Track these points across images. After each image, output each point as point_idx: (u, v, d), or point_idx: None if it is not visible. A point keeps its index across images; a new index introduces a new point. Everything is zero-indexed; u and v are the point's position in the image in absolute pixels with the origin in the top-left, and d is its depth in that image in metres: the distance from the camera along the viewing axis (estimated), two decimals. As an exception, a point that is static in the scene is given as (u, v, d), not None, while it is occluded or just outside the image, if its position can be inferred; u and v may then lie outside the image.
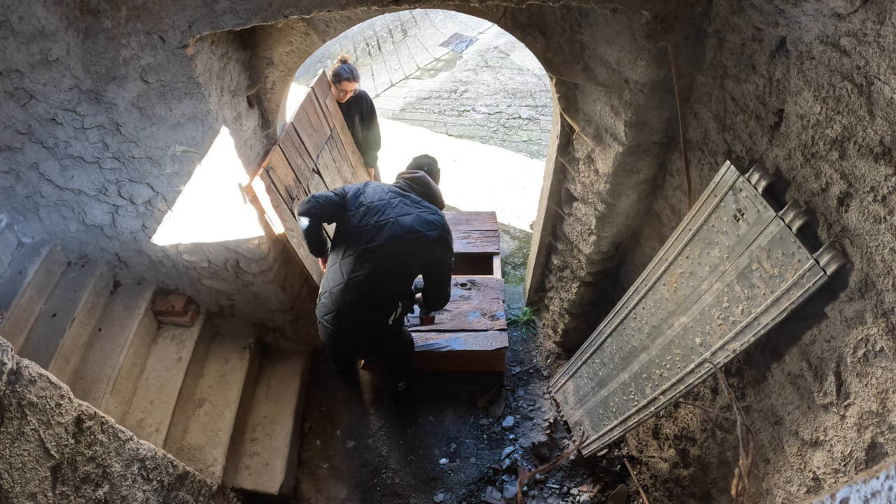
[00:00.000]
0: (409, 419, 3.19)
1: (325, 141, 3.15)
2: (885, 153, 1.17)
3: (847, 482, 0.78)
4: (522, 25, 2.26)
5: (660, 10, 1.70)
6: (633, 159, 2.20)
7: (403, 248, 2.30)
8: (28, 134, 2.02)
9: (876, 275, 1.24)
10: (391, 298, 2.42)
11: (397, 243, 2.28)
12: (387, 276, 2.34)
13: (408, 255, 2.33)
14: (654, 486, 2.67)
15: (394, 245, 2.28)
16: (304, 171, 2.87)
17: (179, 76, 1.87)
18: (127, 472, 1.62)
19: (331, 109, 3.28)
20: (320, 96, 3.14)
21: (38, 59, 1.76)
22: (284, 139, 2.64)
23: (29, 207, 2.39)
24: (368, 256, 2.29)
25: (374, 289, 2.32)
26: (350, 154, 3.58)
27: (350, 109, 3.60)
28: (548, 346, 3.52)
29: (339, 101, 3.46)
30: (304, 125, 2.90)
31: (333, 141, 3.30)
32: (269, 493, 2.69)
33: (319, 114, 3.12)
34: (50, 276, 2.57)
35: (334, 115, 3.34)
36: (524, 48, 3.18)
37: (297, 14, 1.72)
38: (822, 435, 1.47)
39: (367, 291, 2.31)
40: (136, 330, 2.65)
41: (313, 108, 3.04)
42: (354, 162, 3.66)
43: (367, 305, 2.35)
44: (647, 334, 2.20)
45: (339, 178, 3.35)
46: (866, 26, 1.16)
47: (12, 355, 1.19)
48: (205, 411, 2.77)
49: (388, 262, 2.30)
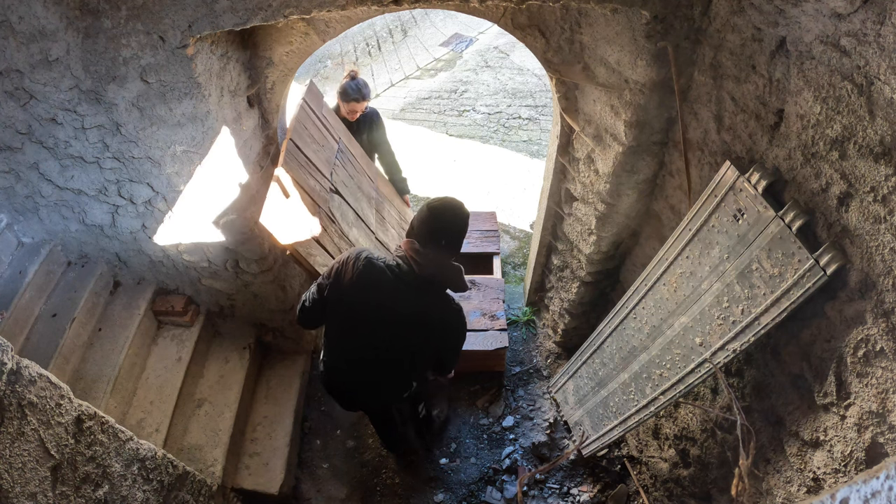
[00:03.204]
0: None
1: (334, 156, 2.81)
2: (885, 153, 1.17)
3: (847, 482, 0.78)
4: (522, 25, 2.26)
5: (659, 10, 1.70)
6: (633, 159, 2.20)
7: (403, 341, 1.95)
8: (28, 134, 2.02)
9: (876, 275, 1.24)
10: (403, 380, 2.14)
11: (395, 337, 1.93)
12: (389, 365, 2.03)
13: (411, 343, 1.97)
14: (654, 486, 2.67)
15: (392, 338, 1.94)
16: (321, 192, 2.49)
17: (179, 76, 1.87)
18: (127, 473, 1.62)
19: (330, 121, 2.95)
20: (315, 107, 2.81)
21: (38, 59, 1.76)
22: (287, 159, 2.30)
23: (29, 207, 2.39)
24: (366, 345, 1.98)
25: (378, 373, 2.05)
26: (366, 167, 3.21)
27: (359, 128, 3.27)
28: (548, 346, 3.52)
29: (347, 119, 3.17)
30: (307, 140, 2.55)
31: (343, 154, 2.94)
32: (269, 493, 2.69)
33: (319, 126, 2.79)
34: (50, 276, 2.57)
35: (336, 127, 3.00)
36: (524, 48, 3.18)
37: (297, 14, 1.72)
38: (822, 435, 1.47)
39: (373, 375, 2.06)
40: (136, 330, 2.65)
41: (311, 121, 2.71)
42: (373, 175, 3.28)
43: (376, 384, 2.10)
44: (647, 334, 2.20)
45: (362, 194, 2.96)
46: (866, 26, 1.16)
47: (12, 355, 1.19)
48: (205, 411, 2.77)
49: (389, 354, 1.99)
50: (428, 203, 1.80)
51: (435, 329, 1.93)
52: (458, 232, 1.81)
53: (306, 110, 2.69)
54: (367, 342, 1.97)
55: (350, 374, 2.10)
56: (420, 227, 1.80)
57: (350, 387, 2.17)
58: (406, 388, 2.16)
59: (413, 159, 5.42)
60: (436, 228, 1.77)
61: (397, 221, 3.30)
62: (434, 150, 5.70)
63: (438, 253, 1.79)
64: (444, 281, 1.84)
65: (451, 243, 1.81)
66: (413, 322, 1.88)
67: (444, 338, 2.01)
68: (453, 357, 2.18)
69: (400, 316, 1.86)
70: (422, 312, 1.86)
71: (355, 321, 1.94)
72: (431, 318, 1.88)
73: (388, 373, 2.05)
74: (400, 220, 3.36)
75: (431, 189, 5.11)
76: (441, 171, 5.39)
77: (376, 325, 1.91)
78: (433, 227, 1.77)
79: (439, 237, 1.78)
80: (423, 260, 1.77)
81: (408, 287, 1.81)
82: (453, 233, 1.81)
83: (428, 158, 5.55)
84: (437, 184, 5.18)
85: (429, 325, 1.90)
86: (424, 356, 2.07)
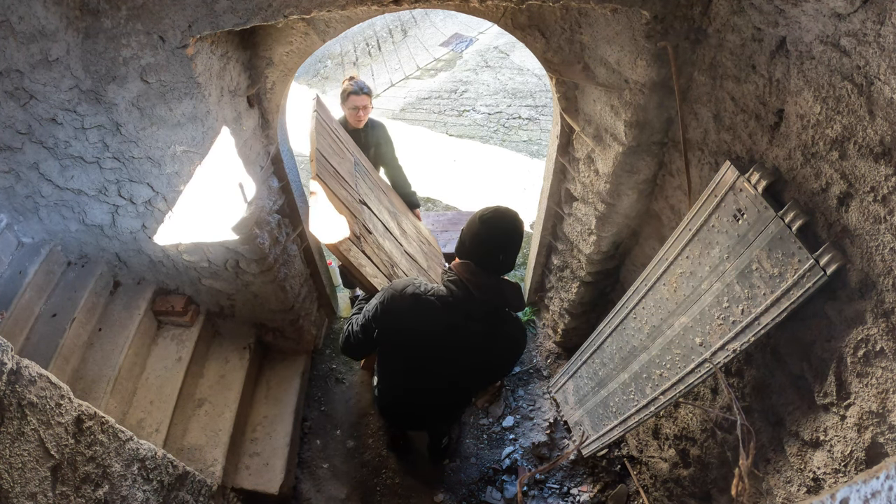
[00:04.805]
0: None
1: (353, 168, 2.77)
2: (885, 153, 1.17)
3: (847, 482, 0.78)
4: (522, 25, 2.26)
5: (659, 10, 1.70)
6: (633, 159, 2.20)
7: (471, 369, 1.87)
8: (28, 134, 2.02)
9: (876, 275, 1.24)
10: (466, 401, 2.12)
11: (463, 367, 1.84)
12: (457, 391, 1.98)
13: (478, 369, 1.88)
14: (654, 486, 2.67)
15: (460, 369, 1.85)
16: (353, 203, 2.42)
17: (179, 76, 1.87)
18: (127, 472, 1.62)
19: (342, 135, 2.92)
20: (327, 121, 2.78)
21: (38, 59, 1.76)
22: (320, 169, 2.22)
23: (29, 207, 2.39)
24: (432, 378, 1.88)
25: (445, 399, 2.00)
26: (378, 181, 3.17)
27: (367, 142, 3.22)
28: (548, 346, 3.52)
29: (355, 128, 3.14)
30: (329, 152, 2.48)
31: (360, 168, 2.89)
32: (269, 493, 2.69)
33: (335, 138, 2.76)
34: (50, 276, 2.57)
35: (347, 141, 2.97)
36: (524, 48, 3.17)
37: (297, 14, 1.72)
38: (822, 435, 1.47)
39: (440, 401, 2.02)
40: (136, 330, 2.65)
41: (327, 133, 2.66)
42: (386, 188, 3.26)
43: (442, 409, 2.07)
44: (647, 334, 2.20)
45: (382, 207, 2.93)
46: (866, 26, 1.16)
47: (12, 355, 1.19)
48: (205, 411, 2.77)
49: (456, 383, 1.92)
50: (480, 215, 1.62)
51: (502, 351, 1.81)
52: (516, 245, 1.63)
53: (322, 123, 2.63)
54: (433, 375, 1.85)
55: (415, 402, 2.02)
56: (473, 243, 1.61)
57: (414, 412, 2.10)
58: (466, 405, 2.13)
59: (413, 159, 5.42)
60: (493, 243, 1.59)
61: (416, 235, 3.29)
62: (434, 150, 5.70)
63: (496, 271, 1.63)
64: (504, 303, 1.69)
65: (509, 258, 1.63)
66: (479, 348, 1.75)
67: (509, 353, 1.86)
68: (511, 369, 2.09)
69: (464, 347, 1.73)
70: (486, 339, 1.72)
71: (417, 359, 1.82)
72: (497, 343, 1.76)
73: (455, 397, 1.98)
74: (417, 234, 3.34)
75: (431, 189, 5.11)
76: (441, 171, 5.39)
77: (439, 362, 1.79)
78: (490, 241, 1.59)
79: (496, 252, 1.60)
80: (481, 281, 1.61)
81: (466, 317, 1.65)
82: (511, 246, 1.62)
83: (428, 158, 5.55)
84: (437, 184, 5.18)
85: (494, 349, 1.78)
86: (488, 376, 1.99)
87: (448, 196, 5.04)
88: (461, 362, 1.80)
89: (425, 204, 4.90)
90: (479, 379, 1.97)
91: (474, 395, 2.13)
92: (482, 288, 1.61)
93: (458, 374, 1.86)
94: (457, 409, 2.13)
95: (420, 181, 5.07)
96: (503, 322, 1.73)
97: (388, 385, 2.03)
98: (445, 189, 5.11)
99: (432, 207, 4.92)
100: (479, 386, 2.07)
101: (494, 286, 1.63)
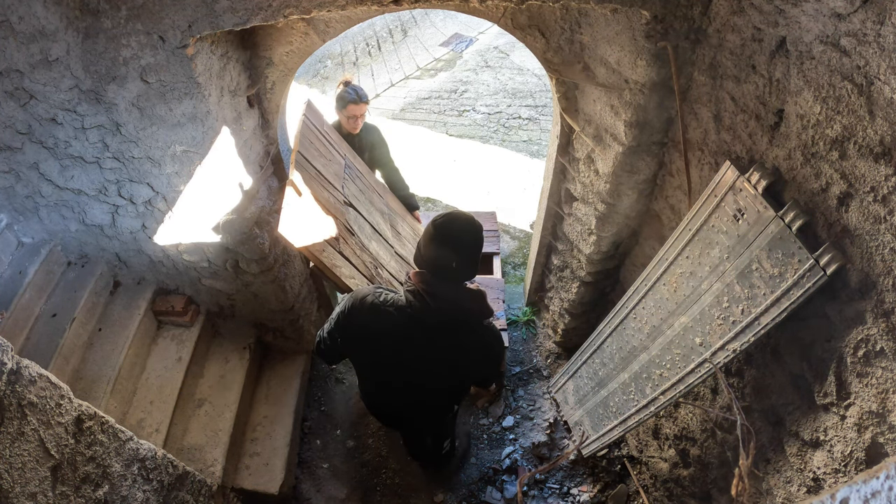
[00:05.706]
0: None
1: (343, 170, 2.76)
2: (885, 153, 1.17)
3: (847, 482, 0.78)
4: (522, 25, 2.26)
5: (659, 11, 1.70)
6: (633, 159, 2.20)
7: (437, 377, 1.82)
8: (28, 134, 2.02)
9: (876, 275, 1.24)
10: (445, 406, 2.10)
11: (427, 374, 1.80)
12: (429, 394, 1.94)
13: (445, 378, 1.85)
14: (654, 486, 2.67)
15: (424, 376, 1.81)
16: (336, 204, 2.45)
17: (179, 76, 1.87)
18: (127, 473, 1.62)
19: (333, 138, 2.89)
20: (317, 124, 2.75)
21: (38, 59, 1.76)
22: (299, 172, 2.25)
23: (29, 207, 2.39)
24: (399, 383, 1.87)
25: (418, 402, 1.98)
26: (374, 184, 3.16)
27: (361, 146, 3.19)
28: (548, 346, 3.52)
29: (351, 134, 3.12)
30: (314, 154, 2.51)
31: (351, 170, 2.87)
32: (269, 493, 2.69)
33: (324, 141, 2.73)
34: (50, 276, 2.56)
35: (339, 144, 2.93)
36: (524, 48, 3.17)
37: (297, 14, 1.72)
38: (822, 435, 1.47)
39: (413, 404, 2.00)
40: (136, 330, 2.65)
41: (314, 136, 2.65)
42: (382, 191, 3.25)
43: (418, 412, 2.05)
44: (647, 334, 2.20)
45: (374, 209, 2.92)
46: (866, 26, 1.16)
47: (12, 355, 1.19)
48: (205, 411, 2.77)
49: (425, 389, 1.89)
50: (433, 221, 1.58)
51: (470, 360, 1.76)
52: (469, 251, 1.56)
53: (309, 126, 2.63)
54: (399, 381, 1.85)
55: (390, 403, 2.05)
56: (427, 250, 1.55)
57: (391, 412, 2.12)
58: (448, 411, 2.11)
59: (413, 159, 5.42)
60: (444, 248, 1.52)
61: (412, 236, 3.30)
62: (434, 150, 5.70)
63: (453, 279, 1.57)
64: (463, 315, 1.62)
65: (465, 263, 1.56)
66: (442, 358, 1.70)
67: (482, 362, 1.82)
68: (495, 374, 2.04)
69: (424, 357, 1.69)
70: (450, 349, 1.67)
71: (380, 365, 1.81)
72: (468, 354, 1.71)
73: (435, 400, 1.96)
74: (414, 235, 3.35)
75: (431, 189, 5.11)
76: (441, 171, 5.39)
77: (402, 369, 1.77)
78: (441, 246, 1.53)
79: (449, 258, 1.53)
80: (437, 291, 1.54)
81: (425, 329, 1.61)
82: (465, 249, 1.55)
83: (428, 158, 5.55)
84: (437, 184, 5.18)
85: (460, 360, 1.73)
86: (463, 384, 1.94)
87: (448, 196, 5.04)
88: (425, 370, 1.76)
89: (425, 204, 4.90)
90: (457, 384, 1.93)
91: (459, 398, 2.08)
92: (437, 297, 1.55)
93: (426, 380, 1.82)
94: (441, 411, 2.09)
95: (420, 181, 5.07)
96: (471, 332, 1.68)
97: (363, 385, 2.09)
98: (445, 189, 5.11)
99: (432, 208, 4.92)
100: (462, 390, 2.01)
101: (450, 295, 1.57)
